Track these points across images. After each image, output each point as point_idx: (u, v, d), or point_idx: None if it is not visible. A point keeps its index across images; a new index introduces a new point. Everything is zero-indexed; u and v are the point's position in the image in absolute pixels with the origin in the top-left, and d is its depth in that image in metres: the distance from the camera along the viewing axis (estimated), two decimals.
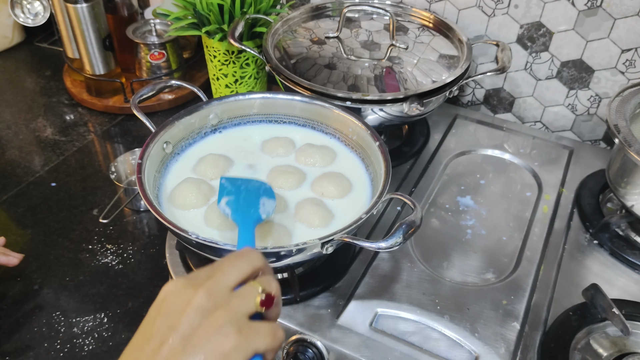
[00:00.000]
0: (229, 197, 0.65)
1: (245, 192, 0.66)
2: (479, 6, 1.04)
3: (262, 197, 0.66)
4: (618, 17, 0.93)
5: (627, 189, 0.80)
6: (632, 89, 0.86)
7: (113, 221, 0.93)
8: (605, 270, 0.80)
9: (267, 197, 0.66)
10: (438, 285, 0.76)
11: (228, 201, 0.65)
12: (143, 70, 1.20)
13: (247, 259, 0.45)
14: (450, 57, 0.97)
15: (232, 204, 0.64)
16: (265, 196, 0.66)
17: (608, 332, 0.70)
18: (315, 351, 0.67)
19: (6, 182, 1.01)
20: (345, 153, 0.81)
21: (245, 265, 0.44)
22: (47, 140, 1.12)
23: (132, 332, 0.77)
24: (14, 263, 0.80)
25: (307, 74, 0.92)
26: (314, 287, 0.73)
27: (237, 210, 0.63)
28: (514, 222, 0.87)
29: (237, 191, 0.66)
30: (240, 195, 0.66)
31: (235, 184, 0.67)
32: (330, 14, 1.09)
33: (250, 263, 0.45)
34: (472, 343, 0.68)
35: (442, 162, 0.98)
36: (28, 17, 1.31)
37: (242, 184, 0.68)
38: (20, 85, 1.29)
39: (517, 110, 1.12)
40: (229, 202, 0.65)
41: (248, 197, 0.66)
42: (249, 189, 0.67)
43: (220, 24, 1.01)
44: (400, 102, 0.85)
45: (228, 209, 0.64)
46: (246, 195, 0.66)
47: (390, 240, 0.59)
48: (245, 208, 0.64)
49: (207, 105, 0.80)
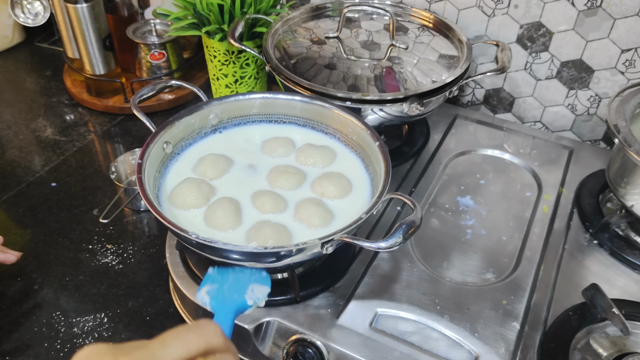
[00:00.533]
0: (211, 285, 0.60)
1: (232, 281, 0.61)
2: (479, 6, 1.04)
3: (253, 284, 0.61)
4: (618, 17, 0.93)
5: (627, 189, 0.80)
6: (632, 89, 0.86)
7: (113, 221, 0.93)
8: (605, 270, 0.80)
9: (258, 284, 0.61)
10: (438, 285, 0.76)
11: (209, 290, 0.60)
12: (143, 70, 1.20)
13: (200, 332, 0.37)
14: (450, 57, 0.97)
15: (212, 292, 0.59)
16: (258, 282, 0.61)
17: (608, 332, 0.70)
18: (315, 351, 0.67)
19: (6, 182, 1.01)
20: (345, 153, 0.81)
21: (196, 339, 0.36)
22: (47, 140, 1.12)
23: (132, 332, 0.78)
24: (11, 260, 0.80)
25: (307, 74, 0.92)
26: (314, 287, 0.73)
27: (216, 298, 0.58)
28: (513, 222, 0.87)
29: (222, 280, 0.61)
30: (225, 284, 0.61)
31: (223, 273, 0.63)
32: (330, 14, 1.09)
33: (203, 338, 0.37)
34: (472, 343, 0.68)
35: (442, 162, 0.98)
36: (28, 17, 1.31)
37: (232, 272, 0.63)
38: (21, 85, 1.29)
39: (517, 110, 1.12)
40: (209, 290, 0.59)
41: (235, 284, 0.61)
42: (238, 277, 0.62)
43: (220, 24, 1.01)
44: (400, 102, 0.85)
45: (207, 297, 0.59)
46: (233, 283, 0.61)
47: (390, 240, 0.59)
48: (227, 296, 0.59)
49: (207, 105, 0.80)
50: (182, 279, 0.75)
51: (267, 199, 0.72)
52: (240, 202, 0.72)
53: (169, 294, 0.81)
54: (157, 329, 0.77)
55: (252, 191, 0.74)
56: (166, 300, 0.81)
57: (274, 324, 0.70)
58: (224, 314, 0.56)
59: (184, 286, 0.74)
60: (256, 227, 0.68)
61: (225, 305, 0.57)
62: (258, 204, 0.72)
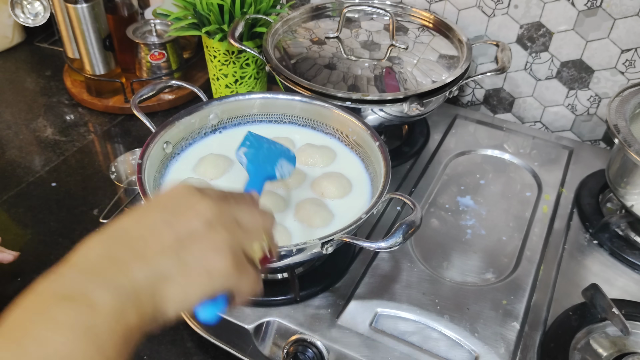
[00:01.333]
0: (248, 148, 0.65)
1: (267, 150, 0.67)
2: (478, 6, 1.04)
3: (282, 159, 0.66)
4: (618, 17, 0.93)
5: (627, 189, 0.80)
6: (632, 89, 0.86)
7: None
8: (605, 270, 0.80)
9: (287, 161, 0.67)
10: (438, 285, 0.76)
11: (247, 152, 0.65)
12: (143, 71, 1.20)
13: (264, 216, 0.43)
14: (450, 57, 0.97)
15: (249, 155, 0.64)
16: (286, 159, 0.67)
17: (608, 332, 0.70)
18: (315, 351, 0.67)
19: (6, 182, 1.01)
20: (345, 153, 0.81)
21: (260, 219, 0.42)
22: (47, 140, 1.12)
23: None
24: (8, 260, 0.80)
25: (307, 74, 0.92)
26: (314, 287, 0.73)
27: (253, 162, 0.64)
28: (513, 222, 0.87)
29: (258, 146, 0.66)
30: (260, 150, 0.66)
31: (259, 140, 0.68)
32: (330, 14, 1.09)
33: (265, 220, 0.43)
34: (472, 343, 0.68)
35: (442, 162, 0.98)
36: (28, 17, 1.31)
37: (266, 142, 0.68)
38: (21, 85, 1.29)
39: (517, 111, 1.12)
40: (247, 152, 0.65)
41: (268, 154, 0.66)
42: (271, 149, 0.67)
43: (220, 24, 1.01)
44: (400, 102, 0.85)
45: (244, 158, 0.64)
46: (267, 152, 0.66)
47: (390, 240, 0.59)
48: (261, 162, 0.64)
49: (207, 105, 0.80)
50: None
51: (267, 199, 0.72)
52: None
53: None
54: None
55: None
56: None
57: (274, 324, 0.70)
58: (257, 179, 0.62)
59: None
60: None
61: (259, 171, 0.63)
62: None
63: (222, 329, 0.72)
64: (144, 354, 0.74)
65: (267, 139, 0.69)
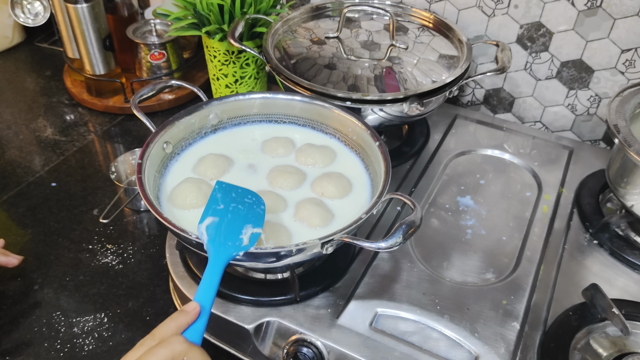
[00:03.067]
0: (212, 218, 0.62)
1: (231, 216, 0.62)
2: (479, 6, 1.04)
3: (247, 225, 0.62)
4: (618, 17, 0.93)
5: (627, 189, 0.80)
6: (632, 89, 0.86)
7: (113, 221, 0.93)
8: (605, 270, 0.80)
9: (253, 225, 0.62)
10: (438, 285, 0.76)
11: (209, 225, 0.61)
12: (143, 70, 1.20)
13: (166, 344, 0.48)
14: (450, 57, 0.97)
15: (211, 229, 0.60)
16: (253, 223, 0.62)
17: (608, 332, 0.70)
18: (315, 351, 0.67)
19: (6, 182, 1.01)
20: (345, 153, 0.81)
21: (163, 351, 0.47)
22: (48, 140, 1.12)
23: (132, 332, 0.77)
24: (13, 264, 0.80)
25: (307, 74, 0.92)
26: (314, 287, 0.73)
27: (214, 241, 0.60)
28: (513, 222, 0.87)
29: (223, 213, 0.62)
30: (224, 219, 0.62)
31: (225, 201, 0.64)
32: (330, 14, 1.09)
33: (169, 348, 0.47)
34: (472, 343, 0.68)
35: (442, 162, 0.98)
36: (28, 17, 1.31)
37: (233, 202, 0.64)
38: (21, 85, 1.29)
39: (517, 110, 1.12)
40: (209, 225, 0.61)
41: (233, 221, 0.62)
42: (237, 212, 0.63)
43: (220, 24, 1.01)
44: (400, 102, 0.85)
45: (205, 235, 0.60)
46: (231, 219, 0.62)
47: (390, 240, 0.59)
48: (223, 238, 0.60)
49: (207, 105, 0.80)
50: (182, 279, 0.75)
51: (267, 199, 0.72)
52: None
53: (169, 294, 0.81)
54: None
55: None
56: (166, 300, 0.81)
57: (274, 324, 0.70)
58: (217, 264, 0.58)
59: (184, 286, 0.74)
60: None
61: (220, 253, 0.59)
62: None
63: (222, 329, 0.72)
64: None
65: (235, 192, 0.65)
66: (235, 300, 0.72)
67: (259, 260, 0.63)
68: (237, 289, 0.72)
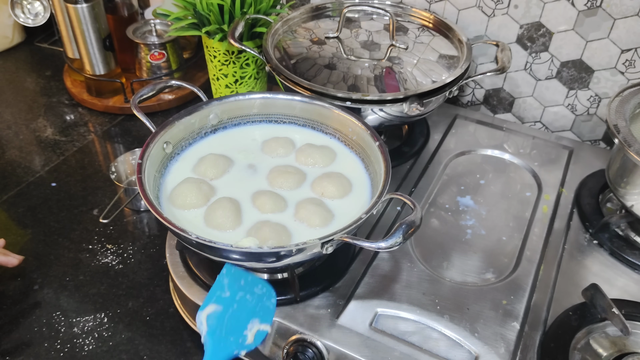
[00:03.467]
0: (216, 306, 0.56)
1: (238, 306, 0.57)
2: (478, 6, 1.04)
3: (254, 318, 0.57)
4: (618, 17, 0.93)
5: (627, 189, 0.80)
6: (632, 89, 0.86)
7: (113, 221, 0.93)
8: (605, 270, 0.80)
9: (259, 319, 0.57)
10: (438, 285, 0.76)
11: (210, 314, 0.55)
12: (143, 71, 1.20)
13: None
14: (450, 57, 0.97)
15: (212, 320, 0.55)
16: (259, 315, 0.58)
17: (608, 332, 0.70)
18: (315, 351, 0.67)
19: (6, 182, 1.01)
20: (345, 153, 0.81)
21: None
22: (48, 140, 1.12)
23: (132, 332, 0.77)
24: (13, 263, 0.80)
25: (307, 74, 0.92)
26: (314, 287, 0.73)
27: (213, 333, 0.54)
28: (513, 222, 0.87)
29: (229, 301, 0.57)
30: (229, 309, 0.56)
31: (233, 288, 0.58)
32: (330, 14, 1.09)
33: None
34: (472, 343, 0.68)
35: (442, 162, 0.98)
36: (28, 17, 1.31)
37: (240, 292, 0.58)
38: (21, 85, 1.29)
39: (517, 111, 1.12)
40: (210, 315, 0.55)
41: (239, 312, 0.57)
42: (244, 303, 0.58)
43: (220, 24, 1.01)
44: (400, 102, 0.85)
45: (205, 325, 0.54)
46: (237, 310, 0.57)
47: (390, 240, 0.59)
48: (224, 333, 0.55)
49: (207, 105, 0.80)
50: (182, 279, 0.75)
51: (267, 199, 0.72)
52: (240, 202, 0.72)
53: (169, 294, 0.81)
54: (157, 329, 0.77)
55: (252, 191, 0.74)
56: (166, 300, 0.81)
57: (274, 324, 0.70)
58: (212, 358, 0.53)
59: (184, 286, 0.74)
60: (256, 227, 0.68)
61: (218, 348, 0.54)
62: (258, 204, 0.72)
63: None
64: (144, 354, 0.74)
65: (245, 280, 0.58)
66: None
67: (259, 261, 0.63)
68: None
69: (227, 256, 0.62)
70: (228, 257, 0.62)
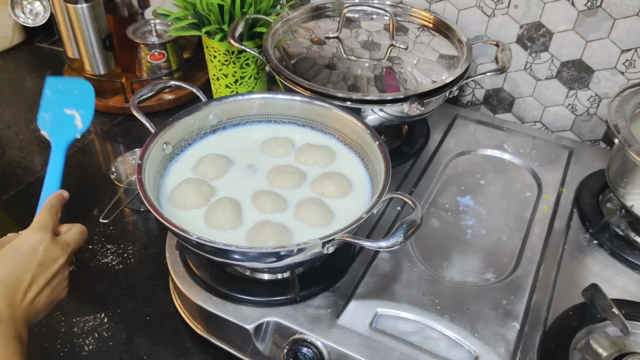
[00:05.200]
0: (47, 113, 0.78)
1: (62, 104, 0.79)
2: (478, 6, 1.04)
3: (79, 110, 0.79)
4: (618, 17, 0.93)
5: (627, 189, 0.80)
6: (632, 89, 0.86)
7: (113, 221, 0.93)
8: (605, 270, 0.80)
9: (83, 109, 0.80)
10: (438, 285, 0.76)
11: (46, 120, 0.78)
12: (143, 71, 1.20)
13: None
14: (450, 57, 0.97)
15: (48, 122, 0.77)
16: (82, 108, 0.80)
17: (608, 332, 0.70)
18: (315, 351, 0.67)
19: (6, 182, 1.01)
20: (345, 153, 0.81)
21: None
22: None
23: (132, 331, 0.77)
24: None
25: (307, 74, 0.92)
26: (314, 287, 0.73)
27: (52, 132, 0.77)
28: (513, 222, 0.87)
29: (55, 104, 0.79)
30: (57, 110, 0.78)
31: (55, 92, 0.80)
32: (330, 14, 1.09)
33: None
34: (472, 343, 0.68)
35: (442, 162, 0.98)
36: (28, 17, 1.31)
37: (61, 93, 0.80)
38: (21, 85, 1.29)
39: (517, 111, 1.12)
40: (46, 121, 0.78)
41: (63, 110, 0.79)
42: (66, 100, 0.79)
43: (220, 24, 1.01)
44: (400, 102, 0.85)
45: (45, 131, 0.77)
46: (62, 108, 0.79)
47: (391, 239, 0.59)
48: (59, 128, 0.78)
49: (207, 105, 0.80)
50: (182, 279, 0.75)
51: (267, 199, 0.72)
52: (240, 202, 0.72)
53: (169, 294, 0.81)
54: (157, 328, 0.77)
55: (253, 191, 0.74)
56: (166, 300, 0.81)
57: (274, 324, 0.70)
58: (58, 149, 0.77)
59: (184, 286, 0.74)
60: (257, 227, 0.68)
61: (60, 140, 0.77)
62: (258, 204, 0.72)
63: (222, 329, 0.72)
64: (144, 354, 0.74)
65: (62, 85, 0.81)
66: (235, 300, 0.72)
67: (259, 261, 0.63)
68: (237, 289, 0.72)
69: (227, 256, 0.62)
70: (228, 257, 0.62)
